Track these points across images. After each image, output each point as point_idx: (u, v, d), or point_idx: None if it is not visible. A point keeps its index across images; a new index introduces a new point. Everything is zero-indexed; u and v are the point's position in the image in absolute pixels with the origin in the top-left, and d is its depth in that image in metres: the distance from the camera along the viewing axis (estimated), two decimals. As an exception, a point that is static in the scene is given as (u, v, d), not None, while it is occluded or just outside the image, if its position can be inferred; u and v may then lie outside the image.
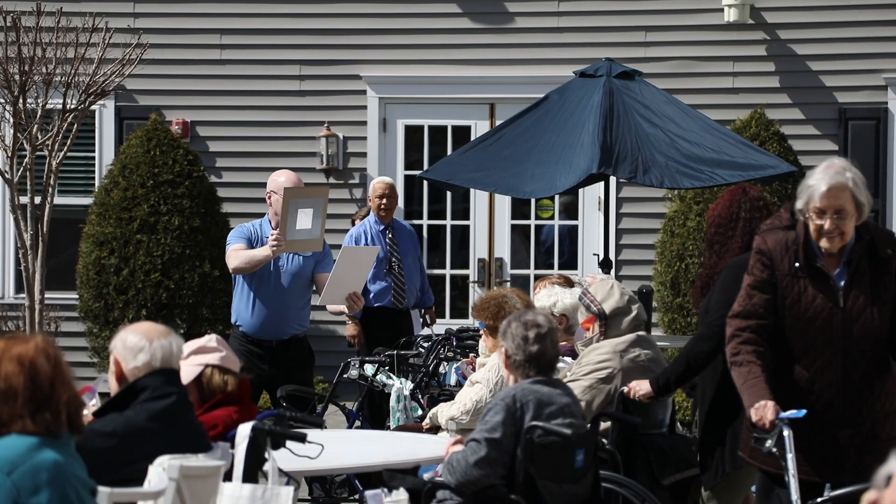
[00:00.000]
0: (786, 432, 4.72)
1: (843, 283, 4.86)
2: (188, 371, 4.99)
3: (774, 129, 11.70)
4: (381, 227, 9.67)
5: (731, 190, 6.07)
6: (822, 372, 4.85)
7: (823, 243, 4.83)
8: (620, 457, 5.84)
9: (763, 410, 4.76)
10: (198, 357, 5.15)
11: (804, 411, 4.75)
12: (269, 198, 7.37)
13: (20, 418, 3.54)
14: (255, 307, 7.32)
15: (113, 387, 4.49)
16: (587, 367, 6.23)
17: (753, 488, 5.58)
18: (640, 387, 5.89)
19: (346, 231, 10.31)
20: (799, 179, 11.50)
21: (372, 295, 9.45)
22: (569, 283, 7.47)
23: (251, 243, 7.33)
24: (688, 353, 5.77)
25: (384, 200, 9.67)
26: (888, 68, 12.19)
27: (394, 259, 9.56)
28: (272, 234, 7.09)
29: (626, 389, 5.97)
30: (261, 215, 7.38)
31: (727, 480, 5.82)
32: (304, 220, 7.04)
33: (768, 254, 4.91)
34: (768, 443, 4.74)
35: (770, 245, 4.91)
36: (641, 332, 6.34)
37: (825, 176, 4.80)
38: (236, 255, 7.29)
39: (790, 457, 4.72)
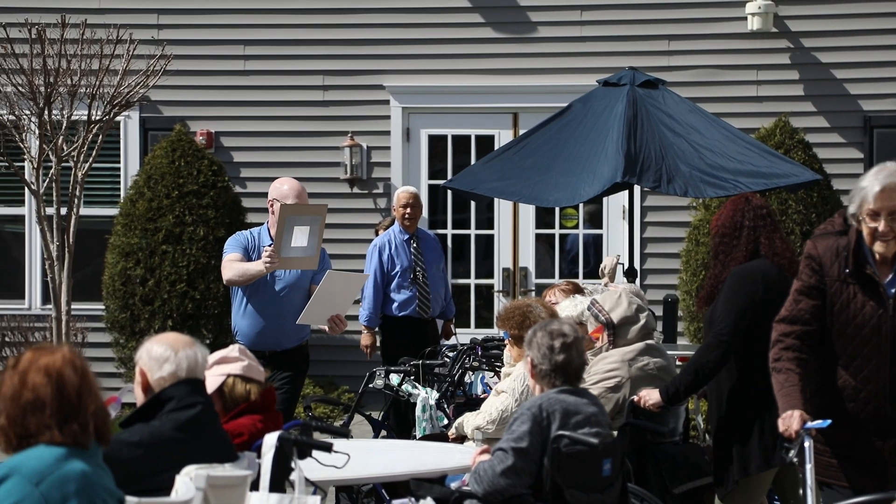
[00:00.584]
0: (807, 443, 4.67)
1: (894, 290, 4.77)
2: (210, 382, 5.00)
3: (799, 138, 11.66)
4: (406, 237, 9.67)
5: (734, 199, 6.06)
6: (869, 380, 4.77)
7: (878, 247, 4.74)
8: (632, 466, 5.84)
9: (789, 420, 4.72)
10: (220, 367, 5.17)
11: (829, 421, 4.70)
12: (272, 206, 7.20)
13: (48, 429, 3.55)
14: (252, 318, 7.18)
15: (139, 397, 4.51)
16: (595, 376, 6.24)
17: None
18: (650, 396, 5.88)
19: (370, 241, 10.32)
20: (824, 188, 11.52)
21: (396, 304, 9.46)
22: (577, 290, 7.45)
23: (247, 252, 7.19)
24: (696, 363, 5.77)
25: (408, 210, 9.67)
26: (913, 75, 12.15)
27: (418, 269, 9.56)
28: (266, 250, 6.96)
29: (636, 398, 5.96)
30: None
31: (739, 488, 5.80)
32: (300, 237, 6.91)
33: (818, 259, 4.84)
34: (791, 453, 4.70)
35: (820, 250, 4.84)
36: (650, 341, 6.35)
37: (879, 177, 4.71)
38: (230, 266, 7.15)
39: (808, 468, 4.67)
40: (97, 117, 9.67)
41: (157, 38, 11.59)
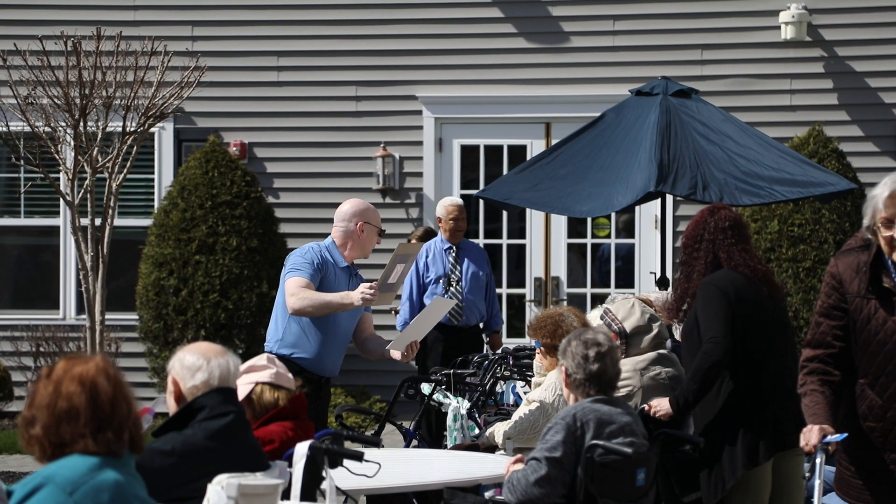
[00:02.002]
0: (818, 458, 4.57)
1: None
2: (239, 391, 5.01)
3: (833, 147, 11.61)
4: (447, 246, 9.73)
5: (700, 212, 6.08)
6: (893, 399, 4.60)
7: None
8: None
9: (808, 434, 4.61)
10: (248, 376, 5.19)
11: (845, 434, 4.57)
12: (361, 231, 6.83)
13: (82, 438, 3.56)
14: (320, 340, 6.75)
15: (171, 406, 4.52)
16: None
17: None
18: (661, 405, 5.87)
19: (402, 251, 10.32)
20: (858, 197, 11.47)
21: None
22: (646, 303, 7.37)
23: (319, 273, 6.74)
24: (699, 370, 5.77)
25: (457, 223, 9.72)
26: (948, 84, 12.07)
27: (453, 276, 9.60)
28: (368, 287, 6.53)
29: (646, 407, 5.96)
30: (319, 235, 7.26)
31: (739, 494, 5.79)
32: (396, 274, 6.71)
33: (838, 277, 4.70)
34: (806, 466, 4.63)
35: (841, 268, 4.70)
36: (662, 351, 6.35)
37: (888, 183, 4.59)
38: (305, 295, 6.58)
39: (817, 483, 4.57)
40: (132, 129, 9.72)
41: (192, 50, 11.65)
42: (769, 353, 5.86)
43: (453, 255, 9.71)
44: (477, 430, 7.62)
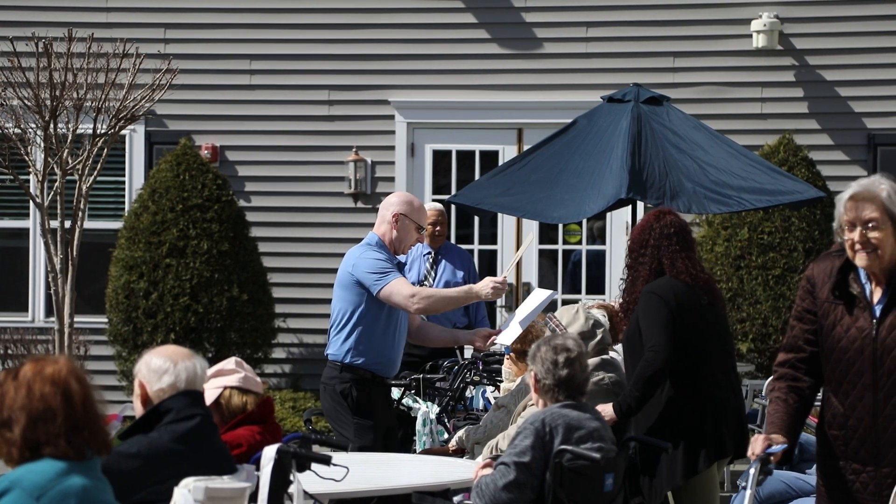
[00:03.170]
0: (752, 469, 4.55)
1: (879, 311, 4.49)
2: (207, 395, 4.99)
3: (803, 155, 11.66)
4: (426, 251, 9.73)
5: (647, 216, 6.13)
6: (854, 407, 4.54)
7: (858, 261, 4.51)
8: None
9: (754, 444, 4.58)
10: (217, 380, 5.18)
11: (784, 446, 4.53)
12: (396, 221, 6.74)
13: (56, 438, 3.55)
14: (388, 343, 6.64)
15: (138, 410, 4.50)
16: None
17: None
18: (605, 411, 5.90)
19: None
20: (828, 205, 11.52)
21: None
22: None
23: (401, 270, 6.67)
24: (640, 378, 5.81)
25: (437, 227, 9.71)
26: (918, 94, 12.15)
27: (426, 282, 9.60)
28: (496, 280, 6.54)
29: None
30: (290, 240, 7.27)
31: (686, 495, 5.84)
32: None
33: (812, 280, 4.65)
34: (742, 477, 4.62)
35: (816, 272, 4.66)
36: (606, 356, 6.38)
37: (853, 186, 4.56)
38: (425, 294, 6.55)
39: (748, 493, 4.55)
40: (102, 131, 9.69)
41: (164, 53, 11.61)
42: (708, 362, 5.90)
43: (431, 259, 9.71)
44: (446, 435, 7.62)
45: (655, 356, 5.76)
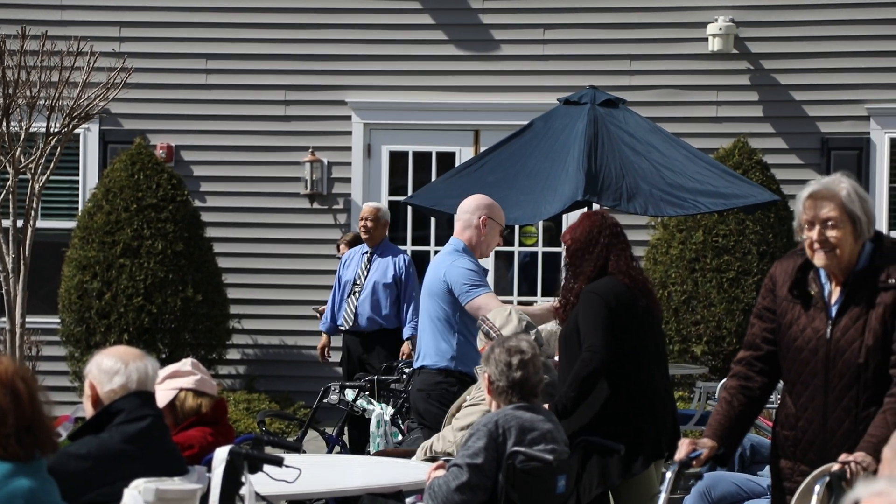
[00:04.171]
0: (668, 474, 4.56)
1: (835, 311, 4.45)
2: (162, 396, 4.97)
3: (757, 158, 11.74)
4: (364, 251, 9.77)
5: (590, 214, 6.12)
6: (805, 408, 4.50)
7: (816, 260, 4.45)
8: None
9: (680, 448, 4.57)
10: (172, 381, 5.14)
11: (700, 451, 4.53)
12: (484, 224, 6.72)
13: (6, 439, 3.51)
14: (474, 348, 6.51)
15: (88, 410, 4.47)
16: (484, 392, 6.25)
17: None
18: None
19: (329, 256, 10.37)
20: (781, 208, 11.57)
21: (339, 313, 9.68)
22: None
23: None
24: (577, 378, 5.82)
25: (365, 223, 9.77)
26: (871, 98, 12.25)
27: (358, 282, 9.64)
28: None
29: None
30: (246, 240, 7.24)
31: (622, 496, 5.87)
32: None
33: (774, 279, 4.61)
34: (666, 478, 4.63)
35: (778, 271, 4.62)
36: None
37: (811, 184, 4.50)
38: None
39: (662, 497, 4.56)
40: (56, 129, 9.61)
41: (119, 51, 11.54)
42: (646, 364, 5.92)
43: (367, 259, 9.74)
44: (400, 437, 7.61)
45: (592, 357, 5.78)
